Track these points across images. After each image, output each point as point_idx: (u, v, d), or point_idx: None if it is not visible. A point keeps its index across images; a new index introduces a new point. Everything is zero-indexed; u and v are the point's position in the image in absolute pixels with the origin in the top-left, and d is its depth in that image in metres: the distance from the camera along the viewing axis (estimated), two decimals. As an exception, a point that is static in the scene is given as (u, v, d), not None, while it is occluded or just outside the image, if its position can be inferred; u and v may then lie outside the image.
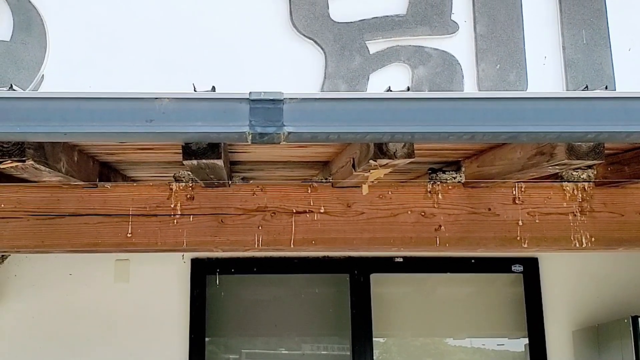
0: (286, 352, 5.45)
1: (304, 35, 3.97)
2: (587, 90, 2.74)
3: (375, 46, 3.98)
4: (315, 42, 3.96)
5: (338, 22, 3.99)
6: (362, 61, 3.96)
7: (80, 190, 3.12)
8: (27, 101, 2.14)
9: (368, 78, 3.94)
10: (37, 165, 2.46)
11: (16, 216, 3.12)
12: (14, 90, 2.47)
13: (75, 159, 2.83)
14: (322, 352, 5.47)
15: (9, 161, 2.39)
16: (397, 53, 4.00)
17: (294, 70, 3.98)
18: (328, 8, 4.00)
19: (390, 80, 3.88)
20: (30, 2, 3.93)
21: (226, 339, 5.42)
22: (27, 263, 5.20)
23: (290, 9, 3.98)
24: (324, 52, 3.95)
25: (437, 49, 3.98)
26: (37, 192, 3.13)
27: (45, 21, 3.92)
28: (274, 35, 3.99)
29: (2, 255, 5.13)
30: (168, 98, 2.10)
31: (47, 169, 2.54)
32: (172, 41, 3.89)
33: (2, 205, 3.12)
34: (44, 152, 2.48)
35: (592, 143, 2.42)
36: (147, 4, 3.97)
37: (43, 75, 3.88)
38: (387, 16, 4.01)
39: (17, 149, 2.36)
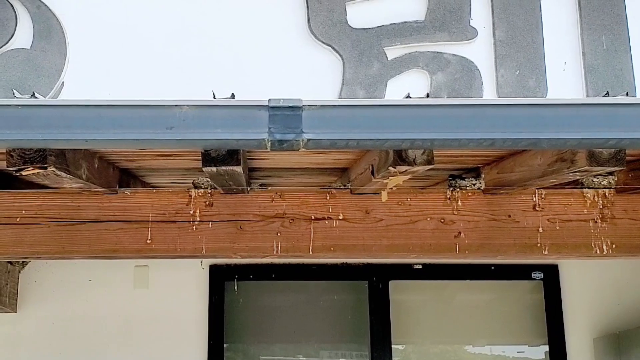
0: (304, 358, 5.44)
1: (322, 42, 3.97)
2: (608, 96, 2.72)
3: (393, 52, 3.98)
4: (333, 48, 3.96)
5: (356, 29, 3.99)
6: (380, 67, 3.95)
7: (100, 196, 3.13)
8: (49, 109, 2.15)
9: (386, 84, 3.94)
10: (59, 172, 2.47)
11: (37, 222, 3.14)
12: (36, 98, 2.49)
13: (96, 165, 2.85)
14: (341, 359, 5.46)
15: (31, 168, 2.40)
16: (416, 59, 3.99)
17: (311, 76, 3.98)
18: (346, 14, 4.00)
19: (408, 86, 3.88)
20: (50, 10, 3.96)
21: (244, 345, 5.42)
22: (47, 269, 5.23)
23: (308, 15, 3.98)
24: (342, 59, 3.95)
25: (456, 55, 3.98)
26: (57, 199, 3.15)
27: (65, 29, 3.95)
28: (292, 42, 4.00)
29: (23, 262, 5.16)
30: (188, 105, 2.11)
31: (68, 176, 2.56)
32: (191, 49, 3.90)
33: (24, 212, 3.14)
34: (65, 159, 2.49)
35: (613, 150, 2.40)
36: (166, 13, 3.99)
37: (63, 82, 3.91)
38: (406, 22, 4.01)
39: (39, 156, 2.38)
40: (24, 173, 2.46)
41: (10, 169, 2.43)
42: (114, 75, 3.89)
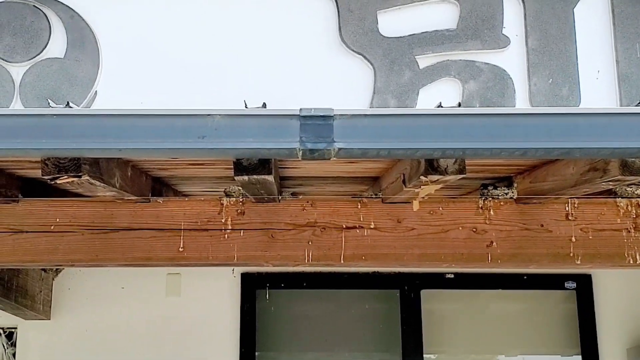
0: (336, 367, 5.44)
1: (353, 51, 3.98)
2: (642, 105, 2.71)
3: (425, 61, 3.98)
4: (365, 57, 3.97)
5: (387, 37, 4.00)
6: (411, 76, 3.96)
7: (133, 204, 3.16)
8: (84, 118, 2.18)
9: (418, 93, 3.94)
10: (93, 181, 2.50)
11: (71, 230, 3.17)
12: (71, 107, 2.52)
13: (129, 174, 2.88)
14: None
15: (66, 176, 2.43)
16: (448, 68, 3.99)
17: (343, 85, 3.99)
18: (377, 23, 4.01)
19: (440, 95, 3.88)
20: (83, 20, 4.02)
21: (276, 354, 5.43)
22: (81, 277, 5.28)
23: (339, 24, 4.00)
24: (373, 67, 3.96)
25: (488, 64, 3.97)
26: (91, 207, 3.17)
27: (98, 39, 4.00)
28: (323, 50, 4.02)
29: (57, 269, 5.22)
30: (220, 115, 2.13)
31: (102, 184, 2.59)
32: (223, 58, 3.94)
33: (58, 220, 3.17)
34: (99, 167, 2.52)
35: (646, 159, 2.38)
36: (198, 22, 4.02)
37: (96, 91, 3.96)
38: (437, 30, 4.01)
39: (74, 165, 2.41)
40: (58, 182, 2.49)
41: (45, 177, 2.45)
42: (146, 85, 3.93)
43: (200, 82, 3.89)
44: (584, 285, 5.32)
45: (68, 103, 2.56)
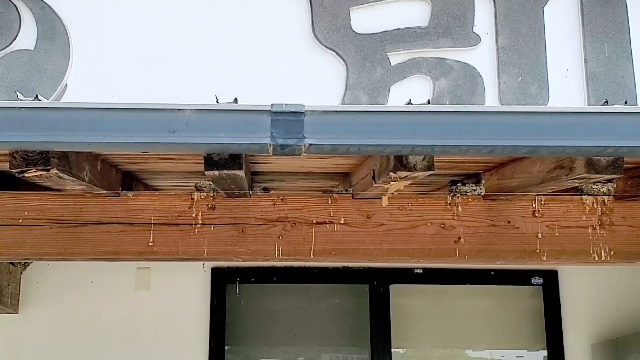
0: (305, 362, 5.46)
1: (326, 47, 3.99)
2: (607, 104, 2.74)
3: (396, 58, 4.00)
4: (337, 53, 3.98)
5: (360, 34, 4.01)
6: (383, 72, 3.97)
7: (103, 199, 3.15)
8: (52, 111, 2.17)
9: (389, 89, 3.96)
10: (61, 174, 2.49)
11: (39, 224, 3.15)
12: (39, 100, 2.51)
13: (99, 168, 2.87)
14: (341, 362, 5.48)
15: (34, 170, 2.42)
16: (419, 65, 4.01)
17: (315, 81, 4.00)
18: (350, 19, 4.02)
19: (411, 91, 3.90)
20: (54, 11, 3.98)
21: (245, 348, 5.44)
22: (49, 270, 5.25)
23: (312, 20, 4.00)
24: (345, 63, 3.97)
25: (458, 61, 3.99)
26: (60, 201, 3.16)
27: (69, 31, 3.96)
28: (296, 46, 4.02)
29: (25, 263, 5.18)
30: (191, 109, 2.13)
31: (71, 178, 2.58)
32: (194, 53, 3.92)
33: (26, 213, 3.15)
34: (68, 161, 2.51)
35: (611, 157, 2.42)
36: (169, 17, 4.01)
37: (66, 84, 3.92)
38: (409, 28, 4.03)
39: (42, 158, 2.39)
40: (26, 175, 2.48)
41: (13, 170, 2.44)
42: (117, 78, 3.91)
43: (172, 77, 3.88)
44: (550, 282, 5.38)
45: (37, 96, 2.54)
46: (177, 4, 4.03)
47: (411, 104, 2.42)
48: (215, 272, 5.29)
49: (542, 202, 3.20)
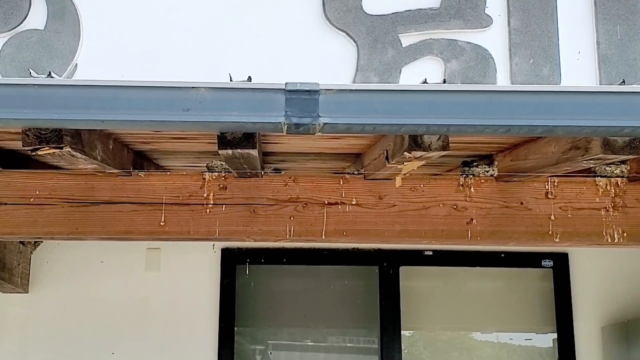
0: (313, 343, 5.46)
1: (337, 28, 3.97)
2: (624, 84, 2.73)
3: (408, 39, 3.98)
4: (348, 34, 3.96)
5: (371, 15, 3.99)
6: (394, 54, 3.96)
7: (115, 178, 3.14)
8: (66, 89, 2.16)
9: (400, 71, 3.94)
10: (74, 153, 2.49)
11: (51, 203, 3.15)
12: (53, 77, 2.50)
13: (111, 147, 2.86)
14: (350, 345, 5.48)
15: (47, 148, 2.42)
16: (430, 46, 3.99)
17: (326, 62, 3.98)
18: (361, 1, 4.00)
19: (422, 73, 3.88)
20: (64, -9, 3.97)
21: (255, 329, 5.45)
22: (60, 250, 5.25)
23: (323, 1, 3.98)
24: (357, 45, 3.95)
25: (470, 43, 3.98)
26: (72, 180, 3.16)
27: (79, 10, 3.95)
28: (307, 27, 4.00)
29: (35, 242, 5.19)
30: (205, 87, 2.12)
31: (83, 157, 2.57)
32: (207, 33, 3.91)
33: (37, 192, 3.15)
34: (80, 139, 2.51)
35: (628, 138, 2.40)
36: (182, -5, 3.99)
37: (77, 64, 3.92)
38: (421, 9, 4.01)
39: (55, 136, 2.39)
40: (39, 153, 2.48)
41: (26, 148, 2.44)
42: (128, 58, 3.90)
43: (184, 56, 3.87)
44: (560, 264, 5.37)
45: (50, 73, 2.54)
46: (189, -16, 4.01)
47: (427, 83, 2.40)
48: (225, 252, 5.29)
49: (555, 184, 3.18)
